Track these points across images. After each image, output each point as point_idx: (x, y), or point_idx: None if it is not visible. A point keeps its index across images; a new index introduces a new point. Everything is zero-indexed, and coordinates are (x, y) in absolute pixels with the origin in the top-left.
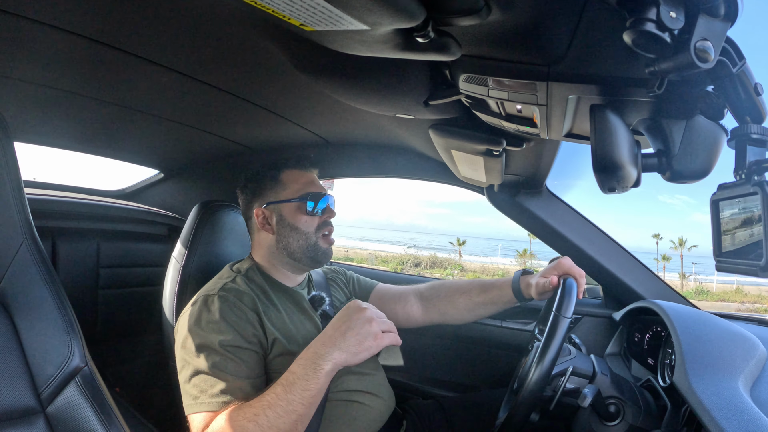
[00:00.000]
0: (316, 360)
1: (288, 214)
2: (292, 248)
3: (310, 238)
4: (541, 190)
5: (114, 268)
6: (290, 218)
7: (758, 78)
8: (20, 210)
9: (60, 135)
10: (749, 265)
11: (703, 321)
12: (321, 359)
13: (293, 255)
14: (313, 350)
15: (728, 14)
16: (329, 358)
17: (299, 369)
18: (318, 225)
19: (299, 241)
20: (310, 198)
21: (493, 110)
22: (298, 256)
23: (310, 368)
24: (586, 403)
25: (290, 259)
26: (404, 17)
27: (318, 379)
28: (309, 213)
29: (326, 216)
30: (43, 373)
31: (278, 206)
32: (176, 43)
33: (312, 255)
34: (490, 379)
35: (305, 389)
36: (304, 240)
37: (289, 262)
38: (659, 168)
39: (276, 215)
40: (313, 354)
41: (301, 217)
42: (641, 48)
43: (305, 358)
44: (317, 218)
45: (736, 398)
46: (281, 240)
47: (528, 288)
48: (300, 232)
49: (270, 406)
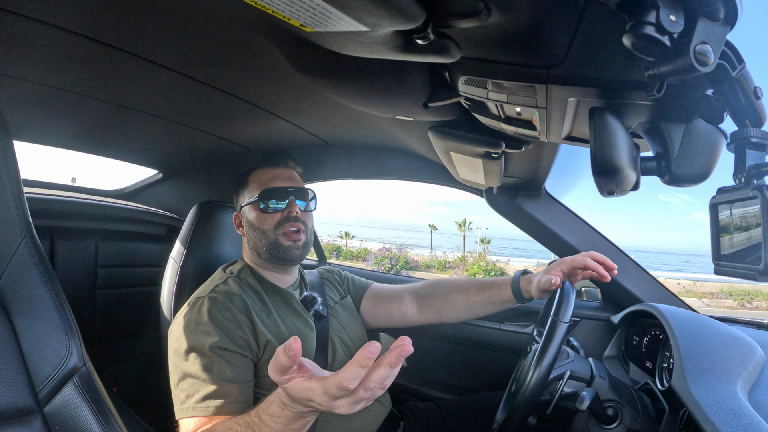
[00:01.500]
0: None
1: (249, 215)
2: (258, 248)
3: (269, 235)
4: (539, 193)
5: (112, 268)
6: (251, 218)
7: (758, 82)
8: (19, 209)
9: (59, 134)
10: (747, 269)
11: (701, 324)
12: (304, 417)
13: (261, 255)
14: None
15: (728, 18)
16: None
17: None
18: (278, 221)
19: (261, 240)
20: (264, 195)
21: (492, 113)
22: (265, 256)
23: (295, 422)
24: (584, 406)
25: (261, 259)
26: (404, 19)
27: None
28: (264, 210)
29: (287, 211)
30: (41, 372)
31: (245, 209)
32: (176, 43)
33: (275, 253)
34: (488, 381)
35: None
36: (264, 238)
37: (264, 263)
38: (658, 171)
39: (244, 218)
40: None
41: (258, 216)
42: (641, 51)
43: (284, 417)
44: (277, 214)
45: (734, 402)
46: (249, 241)
47: (528, 287)
48: (259, 231)
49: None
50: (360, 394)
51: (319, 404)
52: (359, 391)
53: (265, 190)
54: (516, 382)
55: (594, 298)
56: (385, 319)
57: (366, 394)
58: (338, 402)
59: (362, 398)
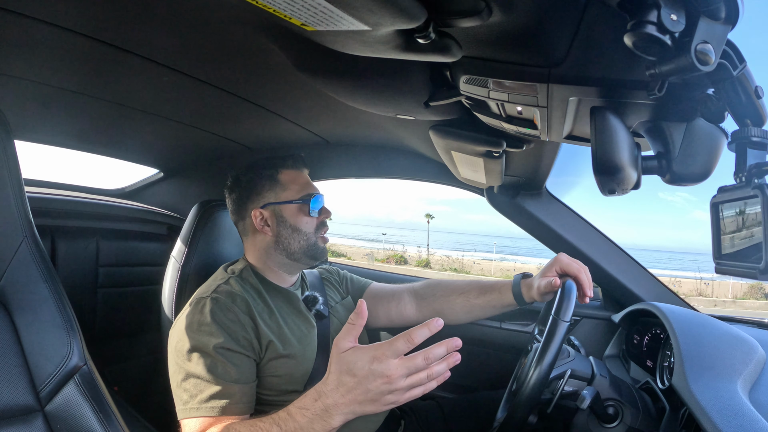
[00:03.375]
0: (326, 417)
1: (289, 216)
2: (293, 249)
3: (310, 238)
4: (540, 192)
5: (113, 267)
6: (291, 219)
7: (759, 81)
8: (20, 208)
9: (60, 133)
10: (749, 268)
11: (702, 323)
12: (331, 417)
13: (293, 255)
14: (322, 406)
15: (729, 17)
16: (341, 417)
17: (304, 420)
18: (317, 225)
19: (300, 242)
20: (312, 199)
21: (493, 112)
22: (298, 256)
23: (317, 423)
24: (585, 404)
25: (288, 259)
26: (405, 18)
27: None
28: (310, 213)
29: (323, 216)
30: (42, 371)
31: (278, 207)
32: (177, 42)
33: (311, 254)
34: (489, 380)
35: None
36: (305, 240)
37: (287, 262)
38: (659, 170)
39: (276, 216)
40: (322, 411)
41: (302, 218)
42: (642, 50)
43: (313, 411)
44: (316, 219)
45: (734, 401)
46: (281, 241)
47: (529, 291)
48: (301, 233)
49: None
50: (418, 361)
51: (384, 372)
52: (419, 359)
53: (309, 194)
54: (517, 380)
55: (595, 297)
56: (384, 318)
57: (423, 363)
58: (397, 382)
59: (419, 377)
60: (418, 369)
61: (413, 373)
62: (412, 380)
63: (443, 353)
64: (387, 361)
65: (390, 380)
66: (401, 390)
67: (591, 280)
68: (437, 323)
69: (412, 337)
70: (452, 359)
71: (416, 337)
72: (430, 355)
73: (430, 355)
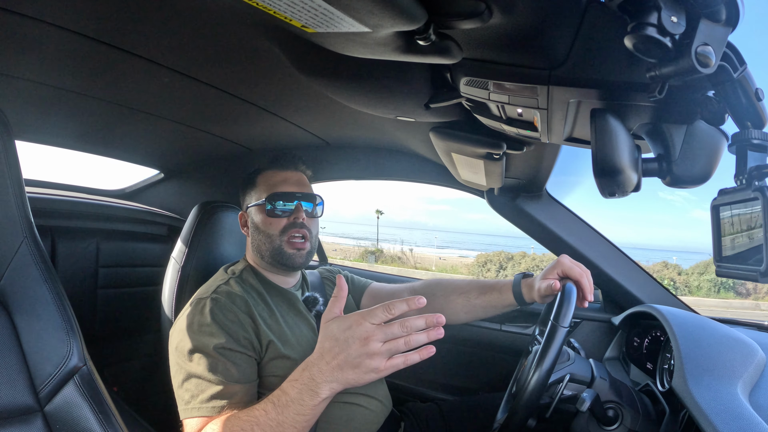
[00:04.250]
0: (313, 387)
1: (255, 217)
2: (262, 251)
3: (274, 241)
4: (541, 194)
5: (113, 268)
6: (257, 221)
7: (759, 83)
8: (21, 208)
9: (60, 134)
10: (749, 270)
11: (702, 326)
12: (318, 387)
13: (264, 258)
14: (309, 375)
15: (729, 19)
16: (327, 387)
17: (294, 392)
18: (284, 227)
19: (265, 243)
20: (272, 198)
21: (493, 113)
22: (268, 260)
23: (306, 394)
24: (585, 407)
25: (264, 262)
26: (406, 20)
27: (315, 405)
28: (270, 214)
29: (293, 217)
30: (42, 372)
31: (252, 209)
32: (178, 43)
33: (279, 259)
34: (489, 382)
35: (300, 413)
36: (269, 243)
37: (267, 265)
38: (659, 173)
39: (250, 218)
40: (309, 380)
41: (264, 219)
42: (642, 52)
43: (301, 382)
44: (283, 220)
45: (734, 403)
46: (253, 243)
47: (530, 291)
48: (264, 234)
49: (258, 423)
50: (395, 329)
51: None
52: (395, 327)
53: (273, 193)
54: (517, 383)
55: (595, 300)
56: None
57: (400, 330)
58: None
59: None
60: (394, 335)
61: (390, 339)
62: (389, 346)
63: (422, 325)
64: (365, 324)
65: (367, 342)
66: (380, 356)
67: (592, 284)
68: (419, 301)
69: (390, 307)
70: (434, 333)
71: (394, 308)
72: (407, 323)
73: (408, 324)
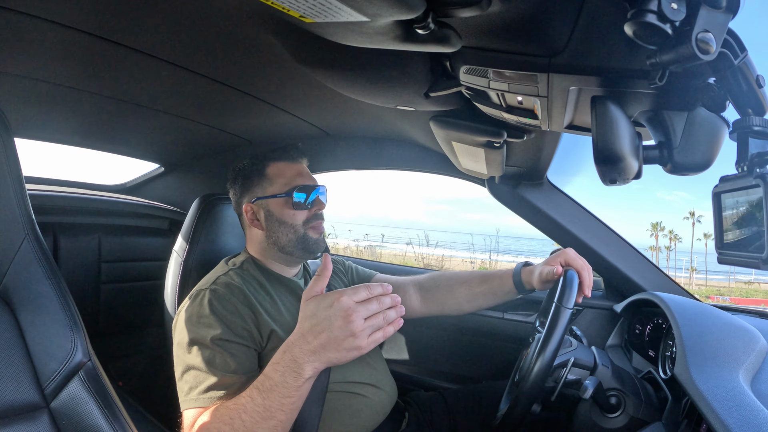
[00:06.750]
0: (296, 368)
1: (275, 210)
2: (282, 243)
3: (298, 230)
4: (542, 182)
5: (115, 263)
6: (278, 213)
7: (760, 70)
8: (22, 206)
9: (60, 130)
10: (751, 257)
11: (704, 313)
12: (301, 368)
13: (284, 249)
14: (290, 357)
15: (730, 6)
16: (310, 366)
17: (277, 375)
18: (307, 217)
19: (288, 235)
20: (298, 191)
21: (494, 102)
22: (290, 250)
23: (289, 375)
24: (588, 394)
25: (282, 253)
26: (404, 9)
27: (299, 386)
28: (296, 207)
29: (315, 208)
30: (47, 368)
31: (265, 201)
32: (175, 37)
33: (303, 246)
34: (492, 370)
35: (285, 396)
36: (293, 233)
37: (281, 256)
38: (660, 160)
39: (264, 211)
40: (291, 362)
41: (288, 212)
42: (642, 39)
43: (283, 364)
44: (306, 211)
45: (736, 391)
46: (271, 235)
47: (530, 278)
48: (288, 225)
49: (245, 410)
50: (373, 305)
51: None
52: (373, 303)
53: (297, 186)
54: (519, 371)
55: (597, 287)
56: None
57: (377, 306)
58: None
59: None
60: (374, 312)
61: (371, 315)
62: (371, 322)
63: (389, 302)
64: (347, 300)
65: (349, 320)
66: (362, 333)
67: (592, 279)
68: (388, 287)
69: (371, 288)
70: (400, 310)
71: (374, 289)
72: (381, 300)
73: (382, 300)
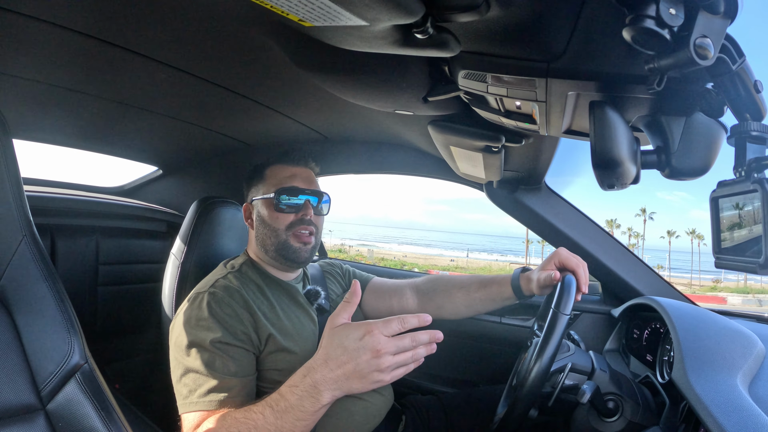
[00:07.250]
0: (315, 394)
1: (262, 210)
2: (266, 245)
3: (280, 235)
4: (540, 187)
5: (113, 265)
6: (263, 214)
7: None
8: (20, 207)
9: (58, 132)
10: (748, 262)
11: (701, 318)
12: (320, 394)
13: (268, 252)
14: (310, 382)
15: (728, 11)
16: (329, 394)
17: (294, 398)
18: (291, 222)
19: (271, 238)
20: (281, 193)
21: (492, 106)
22: (272, 254)
23: (307, 400)
24: (585, 399)
25: (268, 257)
26: (403, 13)
27: (315, 410)
28: (279, 210)
29: (302, 213)
30: (44, 370)
31: (257, 202)
32: (174, 40)
33: (283, 254)
34: (489, 375)
35: (299, 419)
36: (274, 237)
37: (268, 260)
38: (658, 165)
39: (255, 211)
40: (311, 387)
41: (271, 213)
42: (641, 45)
43: (302, 388)
44: (291, 215)
45: (734, 395)
46: (258, 236)
47: (528, 284)
48: (270, 228)
49: (256, 427)
50: (407, 342)
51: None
52: (407, 340)
53: (282, 188)
54: (517, 375)
55: (594, 292)
56: (386, 313)
57: (410, 344)
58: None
59: (405, 357)
60: (405, 348)
61: (401, 352)
62: (398, 359)
63: (426, 340)
64: (378, 336)
65: (379, 355)
66: (388, 368)
67: (588, 276)
68: (426, 318)
69: (405, 321)
70: (431, 348)
71: (407, 322)
72: (416, 337)
73: (417, 338)
